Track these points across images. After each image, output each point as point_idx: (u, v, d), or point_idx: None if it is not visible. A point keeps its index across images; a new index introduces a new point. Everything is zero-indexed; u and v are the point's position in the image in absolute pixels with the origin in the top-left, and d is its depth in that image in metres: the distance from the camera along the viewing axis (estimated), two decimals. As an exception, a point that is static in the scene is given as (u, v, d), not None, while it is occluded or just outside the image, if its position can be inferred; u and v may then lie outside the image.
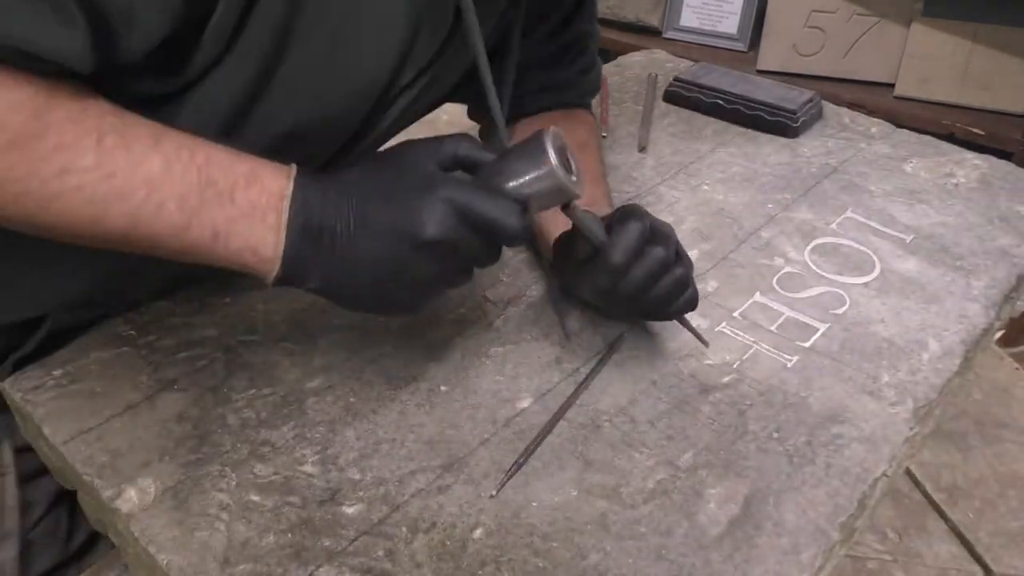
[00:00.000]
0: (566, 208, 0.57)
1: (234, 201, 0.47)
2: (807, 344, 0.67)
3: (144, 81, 0.49)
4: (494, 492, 0.54)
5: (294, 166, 0.49)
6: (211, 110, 0.52)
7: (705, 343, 0.64)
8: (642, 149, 0.94)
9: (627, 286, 0.58)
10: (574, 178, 0.54)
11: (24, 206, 0.43)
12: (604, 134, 0.98)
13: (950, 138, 1.07)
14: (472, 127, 0.87)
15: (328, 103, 0.56)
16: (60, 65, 0.41)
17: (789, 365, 0.65)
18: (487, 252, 0.53)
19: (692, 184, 0.88)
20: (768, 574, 0.50)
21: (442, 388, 0.62)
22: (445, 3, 0.58)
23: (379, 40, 0.55)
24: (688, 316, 0.63)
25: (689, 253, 0.63)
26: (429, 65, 0.62)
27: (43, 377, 0.62)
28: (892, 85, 1.81)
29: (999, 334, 1.40)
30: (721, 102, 1.02)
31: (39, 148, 0.41)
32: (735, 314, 0.70)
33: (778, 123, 0.99)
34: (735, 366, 0.65)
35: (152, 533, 0.51)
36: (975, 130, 1.71)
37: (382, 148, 0.62)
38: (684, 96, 1.05)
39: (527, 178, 0.53)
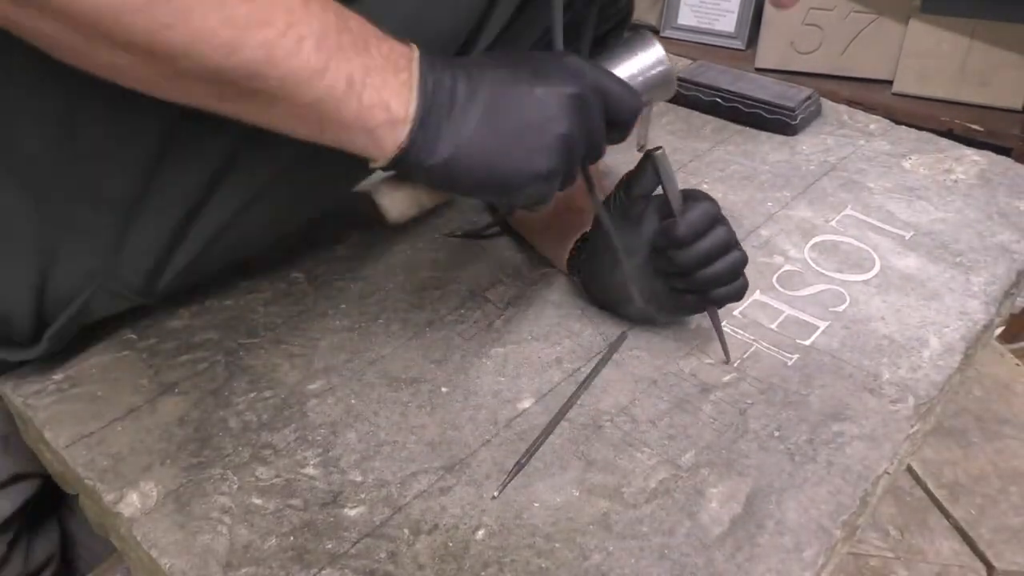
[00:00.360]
0: (649, 156, 0.57)
1: (368, 51, 0.44)
2: (807, 342, 0.67)
3: None
4: (496, 493, 0.54)
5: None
6: None
7: (727, 357, 0.65)
8: (641, 148, 0.94)
9: (689, 257, 0.59)
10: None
11: (156, 17, 0.38)
12: (603, 133, 0.98)
13: (949, 134, 1.07)
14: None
15: (422, 28, 0.53)
16: None
17: (790, 363, 0.65)
18: (602, 135, 0.52)
19: (691, 183, 0.88)
20: (771, 572, 0.50)
21: (443, 389, 0.62)
22: None
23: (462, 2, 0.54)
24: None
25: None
26: (502, 32, 0.60)
27: (44, 382, 0.62)
28: (890, 82, 1.81)
29: (999, 330, 1.40)
30: (719, 100, 1.02)
31: None
32: (735, 312, 0.70)
33: (777, 121, 0.99)
34: (735, 365, 0.65)
35: (154, 537, 0.51)
36: (974, 126, 1.71)
37: None
38: (682, 94, 1.05)
39: (639, 68, 0.54)
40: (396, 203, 0.52)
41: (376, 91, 0.45)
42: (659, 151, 0.58)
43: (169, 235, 0.58)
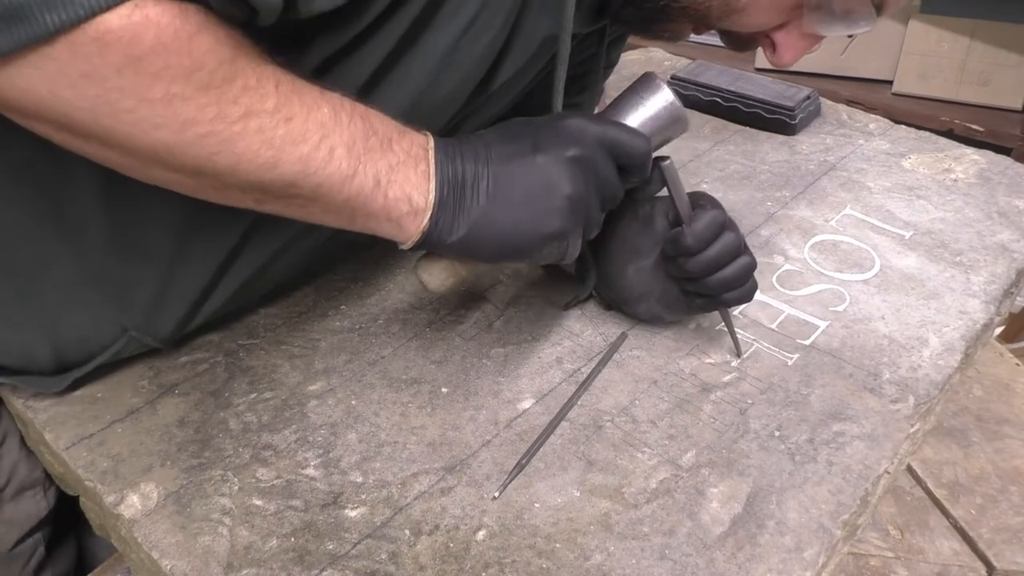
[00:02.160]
0: (656, 166, 0.58)
1: (392, 148, 0.48)
2: (807, 342, 0.67)
3: (308, 48, 0.49)
4: (497, 494, 0.54)
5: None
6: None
7: (738, 353, 0.65)
8: None
9: (698, 264, 0.60)
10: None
11: (205, 147, 0.42)
12: (602, 134, 0.98)
13: (949, 134, 1.07)
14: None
15: (433, 94, 0.57)
16: (253, 9, 0.42)
17: (790, 363, 0.65)
18: (615, 183, 0.55)
19: (691, 183, 0.88)
20: (771, 572, 0.50)
21: (443, 390, 0.62)
22: (533, 31, 0.60)
23: (484, 47, 0.56)
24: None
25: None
26: (513, 76, 0.63)
27: (44, 383, 0.62)
28: (890, 82, 1.81)
29: (999, 330, 1.40)
30: (719, 100, 1.02)
31: (229, 90, 0.41)
32: (735, 312, 0.70)
33: (776, 120, 0.99)
34: (736, 364, 0.65)
35: (155, 538, 0.51)
36: (974, 126, 1.71)
37: None
38: (682, 94, 1.04)
39: (648, 111, 0.56)
40: (434, 276, 0.57)
41: (400, 186, 0.49)
42: (667, 162, 0.59)
43: (203, 287, 0.61)
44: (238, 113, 0.42)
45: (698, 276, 0.60)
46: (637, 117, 0.57)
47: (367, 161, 0.47)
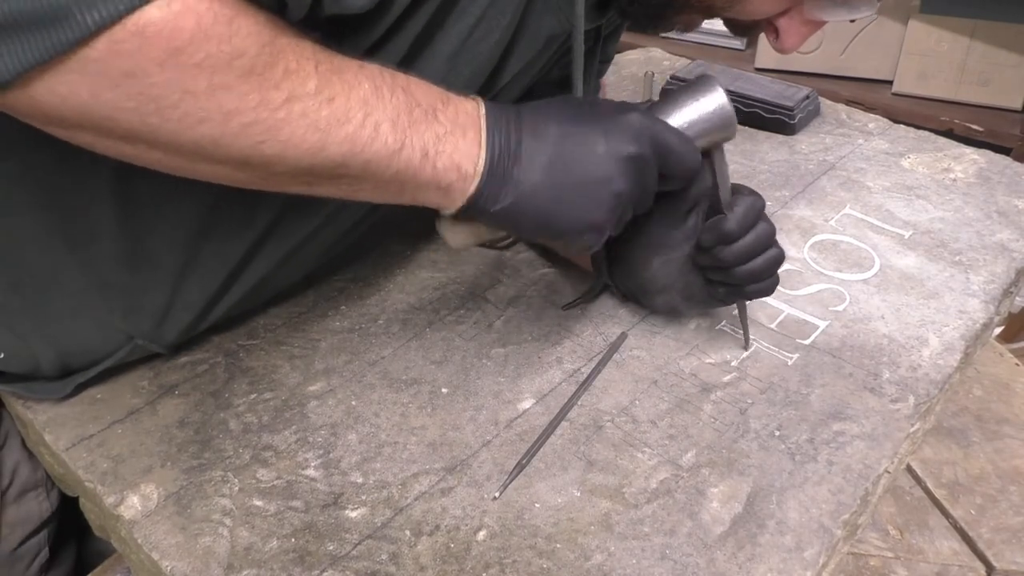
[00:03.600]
0: (707, 153, 0.58)
1: (437, 119, 0.48)
2: (807, 341, 0.67)
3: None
4: (497, 494, 0.54)
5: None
6: None
7: (746, 346, 0.66)
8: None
9: (733, 253, 0.60)
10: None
11: (250, 137, 0.41)
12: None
13: (949, 134, 1.07)
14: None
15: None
16: (282, 2, 0.41)
17: (790, 363, 0.65)
18: (653, 189, 0.55)
19: (691, 183, 0.88)
20: (772, 572, 0.50)
21: (443, 390, 0.62)
22: (537, 29, 0.60)
23: (491, 46, 0.56)
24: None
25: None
26: (520, 72, 0.63)
27: (44, 384, 0.62)
28: (890, 82, 1.81)
29: (999, 329, 1.40)
30: (718, 100, 1.02)
31: (271, 75, 0.40)
32: (735, 312, 0.70)
33: (775, 120, 0.99)
34: (735, 364, 0.65)
35: (155, 539, 0.51)
36: (973, 126, 1.71)
37: None
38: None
39: (700, 112, 0.55)
40: (457, 235, 0.56)
41: (448, 156, 0.48)
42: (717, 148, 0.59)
43: (211, 296, 0.61)
44: (281, 98, 0.41)
45: (731, 265, 0.60)
46: (692, 114, 0.57)
47: (412, 134, 0.46)
